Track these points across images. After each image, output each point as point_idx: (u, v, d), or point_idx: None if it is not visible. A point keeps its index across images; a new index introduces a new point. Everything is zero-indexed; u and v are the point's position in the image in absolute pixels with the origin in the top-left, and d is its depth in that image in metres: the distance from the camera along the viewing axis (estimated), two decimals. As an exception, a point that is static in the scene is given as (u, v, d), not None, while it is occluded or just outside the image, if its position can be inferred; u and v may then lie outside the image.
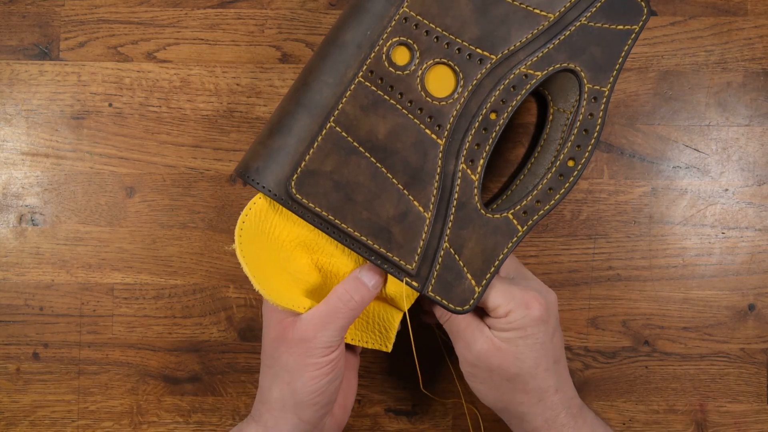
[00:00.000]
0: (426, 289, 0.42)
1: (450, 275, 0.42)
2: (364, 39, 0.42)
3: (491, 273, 0.43)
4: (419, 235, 0.42)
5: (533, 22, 0.43)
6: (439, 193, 0.42)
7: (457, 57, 0.42)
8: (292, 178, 0.41)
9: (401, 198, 0.42)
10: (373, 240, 0.42)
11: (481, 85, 0.43)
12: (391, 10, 0.42)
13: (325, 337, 0.40)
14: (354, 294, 0.41)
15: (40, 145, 0.52)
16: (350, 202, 0.42)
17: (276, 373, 0.41)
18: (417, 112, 0.42)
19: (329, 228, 0.42)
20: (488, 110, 0.43)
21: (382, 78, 0.42)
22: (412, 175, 0.42)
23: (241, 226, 0.42)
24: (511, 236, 0.43)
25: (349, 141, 0.42)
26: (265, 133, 0.42)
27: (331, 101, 0.41)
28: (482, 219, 0.43)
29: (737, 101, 0.52)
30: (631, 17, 0.43)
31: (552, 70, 0.43)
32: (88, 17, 0.52)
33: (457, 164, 0.42)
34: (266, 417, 0.42)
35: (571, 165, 0.43)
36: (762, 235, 0.52)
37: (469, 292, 0.42)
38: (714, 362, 0.52)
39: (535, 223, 0.43)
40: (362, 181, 0.42)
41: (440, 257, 0.42)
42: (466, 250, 0.43)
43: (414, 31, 0.42)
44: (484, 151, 0.43)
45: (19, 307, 0.52)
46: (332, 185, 0.41)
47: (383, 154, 0.42)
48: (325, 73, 0.42)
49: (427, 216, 0.42)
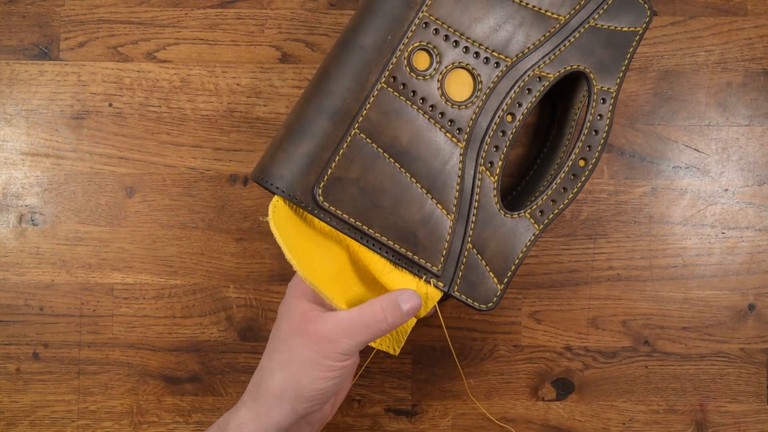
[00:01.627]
0: (452, 289, 0.43)
1: (474, 275, 0.44)
2: (384, 43, 0.42)
3: (512, 271, 0.44)
4: (443, 237, 0.43)
5: (545, 24, 0.44)
6: (461, 195, 0.43)
7: (474, 61, 0.43)
8: (319, 186, 0.41)
9: (425, 202, 0.43)
10: (400, 244, 0.43)
11: (498, 88, 0.44)
12: (410, 14, 0.42)
13: (347, 345, 0.40)
14: (388, 316, 0.41)
15: (40, 145, 0.52)
16: (376, 207, 0.42)
17: (285, 361, 0.41)
18: (438, 117, 0.43)
19: (356, 233, 0.42)
20: (505, 113, 0.44)
21: (405, 84, 0.42)
22: (435, 179, 0.43)
23: (275, 204, 0.41)
24: (529, 235, 0.45)
25: (373, 147, 0.42)
26: (284, 138, 0.42)
27: (355, 107, 0.42)
28: (501, 219, 0.44)
29: (737, 101, 0.52)
30: (635, 18, 0.45)
31: (564, 71, 0.44)
32: (88, 17, 0.52)
33: (476, 167, 0.44)
34: (261, 402, 0.41)
35: (582, 165, 0.45)
36: (762, 235, 0.52)
37: (491, 290, 0.44)
38: (714, 362, 0.52)
39: (550, 222, 0.45)
40: (387, 187, 0.42)
41: (464, 258, 0.43)
42: (488, 250, 0.44)
43: (434, 36, 0.43)
44: (501, 153, 0.44)
45: (19, 307, 0.52)
46: (358, 192, 0.42)
47: (406, 159, 0.43)
48: (346, 78, 0.42)
49: (450, 218, 0.43)
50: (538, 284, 0.52)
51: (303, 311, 0.41)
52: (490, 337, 0.52)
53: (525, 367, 0.52)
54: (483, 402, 0.52)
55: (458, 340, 0.52)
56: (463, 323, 0.52)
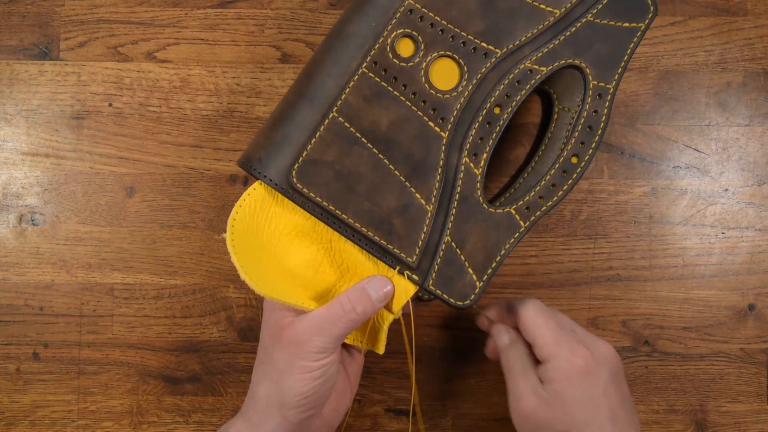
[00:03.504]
0: (426, 283, 0.42)
1: (451, 269, 0.42)
2: (368, 31, 0.41)
3: (492, 268, 0.43)
4: (420, 227, 0.42)
5: (539, 17, 0.43)
6: (442, 186, 0.42)
7: (462, 50, 0.42)
8: (293, 168, 0.41)
9: (403, 190, 0.42)
10: (374, 231, 0.42)
11: (486, 79, 0.42)
12: (396, 2, 0.42)
13: (320, 342, 0.40)
14: (356, 305, 0.40)
15: (40, 145, 0.52)
16: (351, 192, 0.41)
17: (266, 370, 0.41)
18: (420, 104, 0.42)
19: (329, 218, 0.41)
20: (492, 104, 0.43)
21: (386, 69, 0.42)
22: (415, 167, 0.42)
23: (234, 217, 0.41)
24: (513, 232, 0.43)
25: (352, 131, 0.41)
26: (267, 124, 0.42)
27: (334, 92, 0.41)
28: (484, 213, 0.43)
29: (737, 101, 0.52)
30: (637, 15, 0.43)
31: (557, 65, 0.43)
32: (88, 17, 0.52)
33: (460, 157, 0.42)
34: (251, 413, 0.41)
35: (575, 162, 0.43)
36: (762, 235, 0.52)
37: (470, 287, 0.42)
38: (714, 362, 0.52)
39: (537, 219, 0.43)
40: (364, 172, 0.42)
41: (441, 251, 0.42)
42: (468, 244, 0.42)
43: (419, 23, 0.42)
44: (487, 145, 0.43)
45: (19, 307, 0.52)
46: (333, 175, 0.41)
47: (386, 145, 0.42)
48: (328, 64, 0.41)
49: (428, 209, 0.42)
50: (538, 284, 0.52)
51: (277, 320, 0.41)
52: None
53: (525, 367, 0.52)
54: (483, 402, 0.52)
55: (458, 339, 0.52)
56: (463, 323, 0.52)
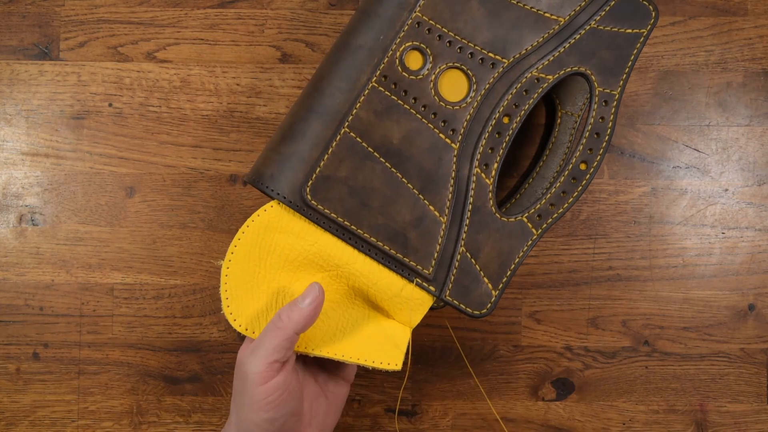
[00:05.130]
0: (444, 294, 0.42)
1: (467, 279, 0.43)
2: (376, 44, 0.42)
3: (507, 276, 0.43)
4: (435, 239, 0.42)
5: (544, 26, 0.43)
6: (454, 197, 0.42)
7: (469, 61, 0.43)
8: (307, 185, 0.41)
9: (417, 203, 0.42)
10: (389, 245, 0.42)
11: (494, 89, 0.43)
12: (403, 14, 0.42)
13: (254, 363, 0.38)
14: (283, 315, 0.39)
15: (40, 145, 0.52)
16: (366, 207, 0.42)
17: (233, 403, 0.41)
18: (431, 117, 0.42)
19: (345, 234, 0.42)
20: (501, 114, 0.43)
21: (396, 83, 0.42)
22: (427, 179, 0.42)
23: (236, 243, 0.41)
24: (526, 239, 0.43)
25: (364, 146, 0.42)
26: (276, 139, 0.42)
27: (345, 106, 0.41)
28: (497, 223, 0.43)
29: (737, 101, 0.52)
30: (639, 20, 0.44)
31: (563, 73, 0.43)
32: (88, 17, 0.52)
33: (471, 168, 0.43)
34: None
35: (584, 168, 0.44)
36: (762, 235, 0.52)
37: (486, 295, 0.43)
38: (714, 362, 0.52)
39: (549, 227, 0.43)
40: (377, 187, 0.42)
41: (457, 261, 0.42)
42: (482, 254, 0.43)
43: (427, 35, 0.42)
44: (497, 155, 0.43)
45: (19, 307, 0.52)
46: (347, 191, 0.41)
47: (398, 159, 0.42)
48: (337, 78, 0.42)
49: (442, 220, 0.42)
50: (538, 284, 0.52)
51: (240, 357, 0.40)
52: (490, 337, 0.52)
53: (525, 367, 0.52)
54: (483, 402, 0.52)
55: (458, 340, 0.52)
56: (463, 323, 0.52)
